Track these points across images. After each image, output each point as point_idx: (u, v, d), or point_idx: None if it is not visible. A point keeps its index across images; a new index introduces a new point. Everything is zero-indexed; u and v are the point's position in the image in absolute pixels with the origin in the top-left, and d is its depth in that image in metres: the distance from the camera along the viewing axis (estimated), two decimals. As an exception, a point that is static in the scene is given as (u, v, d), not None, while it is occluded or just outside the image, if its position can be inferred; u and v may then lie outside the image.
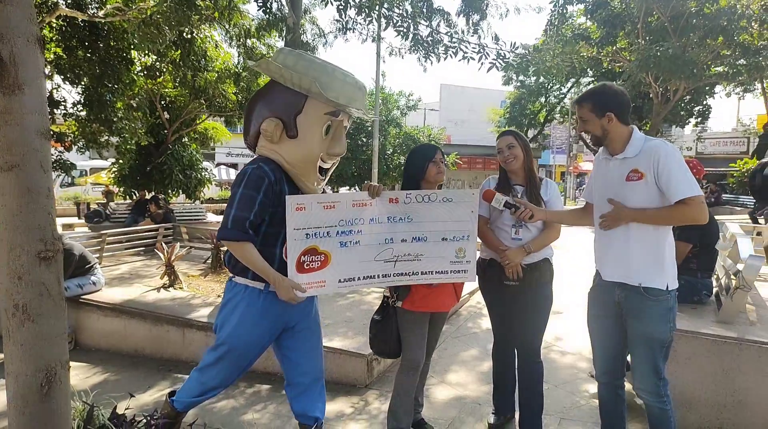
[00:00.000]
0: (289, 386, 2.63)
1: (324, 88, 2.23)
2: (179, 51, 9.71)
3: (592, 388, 3.76)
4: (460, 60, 5.19)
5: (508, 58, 5.24)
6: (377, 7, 4.78)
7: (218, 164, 25.62)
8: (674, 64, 14.21)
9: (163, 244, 6.30)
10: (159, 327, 4.69)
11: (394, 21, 5.07)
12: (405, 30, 5.17)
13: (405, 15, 5.21)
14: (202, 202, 15.36)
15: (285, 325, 2.52)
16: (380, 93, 18.00)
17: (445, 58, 5.26)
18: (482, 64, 5.25)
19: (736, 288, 3.23)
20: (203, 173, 13.66)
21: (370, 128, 17.21)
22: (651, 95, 17.98)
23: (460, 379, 4.08)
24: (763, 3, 14.18)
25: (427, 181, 2.76)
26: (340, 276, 2.46)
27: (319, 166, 2.42)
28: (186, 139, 13.45)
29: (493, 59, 5.24)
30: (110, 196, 15.79)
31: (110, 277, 6.06)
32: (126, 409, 2.56)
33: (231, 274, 2.47)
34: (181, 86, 11.27)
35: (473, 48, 5.26)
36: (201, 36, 10.07)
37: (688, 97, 20.04)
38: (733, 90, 21.05)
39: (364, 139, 19.09)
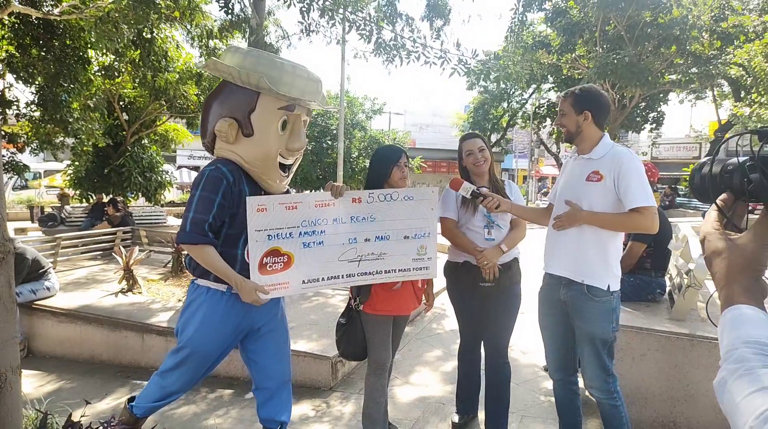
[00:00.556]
0: (257, 390, 2.60)
1: (273, 82, 2.21)
2: (138, 51, 9.49)
3: (551, 385, 3.84)
4: (422, 65, 5.26)
5: (470, 64, 5.32)
6: (340, 10, 4.79)
7: (180, 167, 25.10)
8: (630, 71, 14.69)
9: (122, 247, 6.13)
10: (117, 333, 4.56)
11: (358, 24, 5.09)
12: (368, 34, 5.20)
13: (368, 19, 5.23)
14: (162, 206, 15.02)
15: (249, 328, 2.49)
16: (345, 96, 18.01)
17: (408, 62, 5.31)
18: (444, 69, 5.32)
19: (688, 286, 3.35)
20: (164, 176, 13.37)
21: (335, 131, 17.20)
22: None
23: (423, 379, 4.11)
24: (713, 14, 14.81)
25: (390, 184, 2.76)
26: (304, 277, 2.45)
27: (282, 163, 2.41)
28: (146, 141, 13.15)
29: (455, 65, 5.32)
30: (65, 200, 15.27)
31: (65, 283, 5.86)
32: (81, 416, 2.48)
33: (193, 277, 2.43)
34: (140, 87, 11.01)
35: (435, 53, 5.33)
36: (161, 36, 9.88)
37: (643, 103, 20.73)
38: (686, 97, 21.88)
39: (329, 142, 19.05)
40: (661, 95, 20.37)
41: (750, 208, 0.89)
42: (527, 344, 4.77)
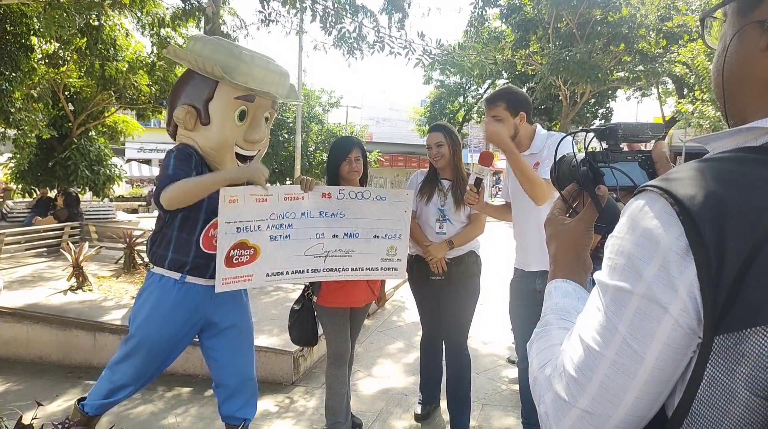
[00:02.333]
0: (218, 388, 2.53)
1: (229, 71, 2.18)
2: (85, 38, 9.09)
3: (512, 373, 3.93)
4: (387, 55, 5.24)
5: (434, 55, 5.34)
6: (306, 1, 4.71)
7: (129, 160, 24.25)
8: (581, 68, 15.09)
9: (70, 243, 5.88)
10: (67, 332, 4.38)
11: (320, 14, 5.03)
12: (331, 24, 5.14)
13: (330, 9, 5.17)
14: (111, 200, 14.50)
15: (204, 322, 2.42)
16: (302, 89, 17.80)
17: (371, 54, 5.29)
18: (409, 59, 5.33)
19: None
20: (112, 169, 12.88)
21: (291, 124, 17.00)
22: (560, 97, 18.99)
23: (386, 371, 4.13)
24: (659, 13, 15.38)
25: (342, 177, 2.76)
26: (268, 270, 2.42)
27: (242, 154, 2.36)
28: (93, 133, 12.63)
29: (420, 55, 5.33)
30: (7, 194, 14.53)
31: (9, 281, 5.58)
32: (33, 419, 2.37)
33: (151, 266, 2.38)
34: (87, 76, 10.55)
35: (400, 44, 5.32)
36: (110, 23, 9.50)
37: (593, 100, 21.37)
38: (633, 94, 22.69)
39: (286, 136, 18.80)
40: (610, 92, 21.07)
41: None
42: (488, 335, 4.86)
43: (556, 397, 0.65)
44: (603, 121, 23.47)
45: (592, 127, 0.94)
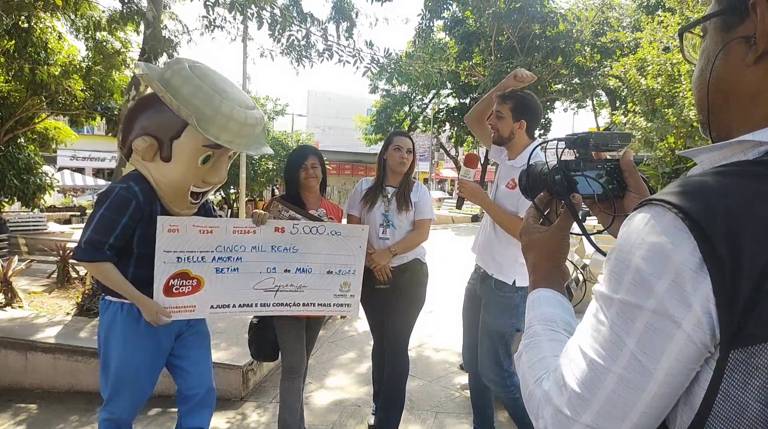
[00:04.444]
0: (184, 399, 2.42)
1: (204, 121, 2.03)
2: (13, 41, 8.60)
3: (464, 380, 3.97)
4: (336, 63, 5.22)
5: (382, 63, 5.37)
6: (252, 6, 4.61)
7: (61, 168, 23.02)
8: (522, 80, 15.60)
9: (-3, 257, 5.51)
10: (-6, 352, 4.08)
11: (268, 21, 4.95)
12: (280, 32, 5.07)
13: (277, 17, 5.10)
14: (42, 211, 13.72)
15: (177, 332, 2.36)
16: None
17: (320, 62, 5.27)
18: (357, 68, 5.33)
19: (585, 281, 3.61)
20: (43, 178, 12.20)
21: (235, 132, 16.61)
22: (503, 108, 19.55)
23: (338, 382, 4.07)
24: (593, 29, 16.13)
25: (300, 185, 2.77)
26: (213, 302, 2.36)
27: (195, 192, 2.26)
28: (22, 140, 11.93)
29: (368, 63, 5.35)
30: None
31: (-73, 299, 5.15)
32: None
33: (102, 293, 2.25)
34: (15, 80, 9.97)
35: (348, 52, 5.32)
36: (40, 26, 9.02)
37: (533, 110, 22.08)
38: (570, 106, 23.64)
39: (230, 144, 18.36)
40: (549, 103, 21.84)
41: None
42: (439, 342, 4.89)
43: (556, 411, 0.65)
44: (542, 131, 24.30)
45: (564, 137, 0.95)
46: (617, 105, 18.79)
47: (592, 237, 0.90)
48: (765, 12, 0.63)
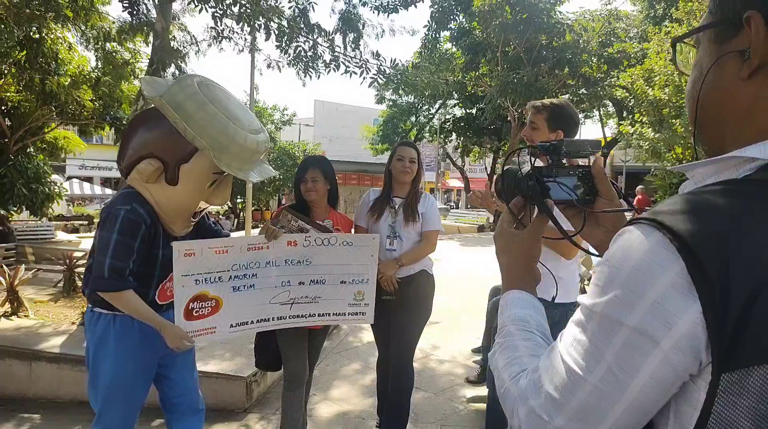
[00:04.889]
0: (172, 409, 2.40)
1: (219, 150, 1.98)
2: (25, 51, 8.70)
3: (470, 393, 3.92)
4: (342, 74, 5.25)
5: (389, 74, 5.39)
6: (260, 17, 4.64)
7: (70, 177, 23.20)
8: (528, 90, 15.63)
9: (4, 266, 5.52)
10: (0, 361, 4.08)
11: (275, 33, 4.98)
12: (287, 43, 5.10)
13: (284, 28, 5.13)
14: (50, 220, 13.80)
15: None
16: (255, 107, 17.61)
17: (327, 73, 5.29)
18: (364, 78, 5.34)
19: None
20: (52, 187, 12.28)
21: (243, 142, 16.72)
22: (509, 118, 19.56)
23: (343, 394, 4.04)
24: (600, 40, 16.15)
25: (305, 197, 2.78)
26: (232, 321, 2.37)
27: (195, 210, 2.26)
28: (32, 149, 12.04)
29: (374, 74, 5.36)
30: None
31: (-66, 307, 5.18)
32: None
33: (89, 305, 2.22)
34: (26, 90, 10.08)
35: (355, 63, 5.34)
36: (51, 36, 9.13)
37: (540, 121, 22.07)
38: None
39: (237, 154, 18.50)
40: (556, 114, 21.82)
41: None
42: (445, 354, 4.85)
43: (530, 412, 0.67)
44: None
45: (537, 143, 0.98)
46: (624, 115, 18.76)
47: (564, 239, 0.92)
48: (759, 26, 0.62)
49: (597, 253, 0.91)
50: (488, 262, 10.34)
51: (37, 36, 8.75)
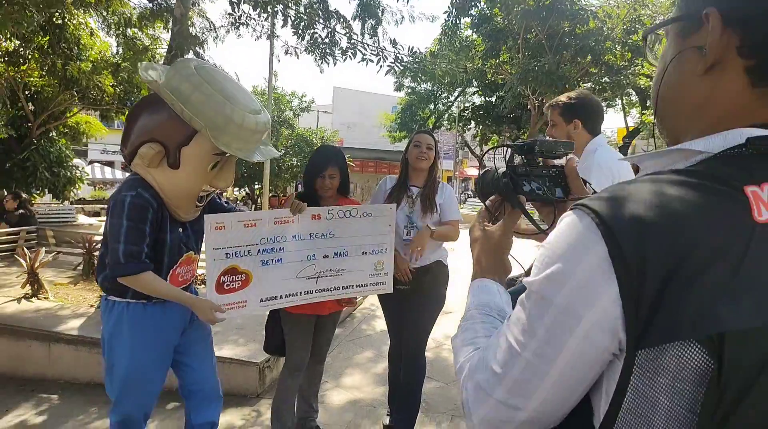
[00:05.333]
0: (191, 396, 2.43)
1: (216, 130, 1.99)
2: (47, 37, 8.80)
3: (481, 384, 3.90)
4: (359, 62, 5.19)
5: (406, 62, 5.32)
6: (278, 5, 4.61)
7: (91, 162, 23.52)
8: (549, 78, 15.36)
9: (25, 249, 5.63)
10: (19, 342, 4.17)
11: (292, 19, 4.94)
12: (303, 29, 5.06)
13: (301, 15, 5.09)
14: (72, 203, 14.04)
15: (183, 327, 2.35)
16: (273, 93, 17.62)
17: (344, 60, 5.24)
18: (381, 66, 5.28)
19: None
20: (73, 171, 12.47)
21: (261, 129, 16.77)
22: (529, 107, 19.30)
23: (355, 382, 4.06)
24: (625, 27, 15.78)
25: (316, 191, 2.74)
26: (262, 295, 2.39)
27: (201, 194, 2.25)
28: (54, 134, 12.23)
29: (391, 62, 5.30)
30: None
31: (-41, 288, 5.31)
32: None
33: (103, 294, 2.24)
34: (49, 75, 10.21)
35: (372, 50, 5.28)
36: (74, 22, 9.22)
37: (560, 109, 21.73)
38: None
39: (255, 140, 18.55)
40: (577, 102, 21.47)
41: None
42: (456, 344, 4.83)
43: (476, 386, 0.71)
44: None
45: (511, 143, 1.03)
46: (647, 104, 18.40)
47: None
48: (716, 24, 0.64)
49: None
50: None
51: (59, 21, 8.83)
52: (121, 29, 8.65)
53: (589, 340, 0.60)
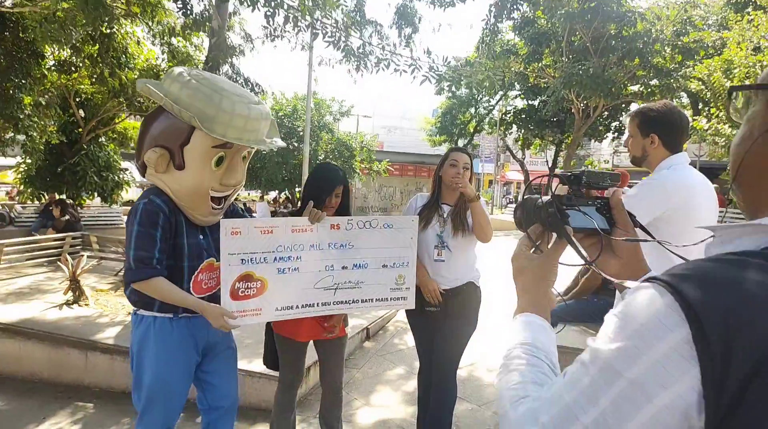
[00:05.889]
0: (210, 411, 2.45)
1: (207, 121, 2.04)
2: (97, 46, 9.11)
3: (515, 408, 3.77)
4: (392, 73, 5.13)
5: (441, 71, 5.23)
6: (307, 17, 4.60)
7: (140, 165, 24.32)
8: (594, 82, 14.94)
9: (68, 256, 5.80)
10: (59, 349, 4.29)
11: (324, 32, 4.92)
12: (336, 41, 5.04)
13: (336, 26, 5.08)
14: (120, 206, 14.52)
15: (205, 346, 2.37)
16: (313, 98, 17.79)
17: (377, 71, 5.18)
18: (414, 77, 5.21)
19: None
20: (121, 176, 12.90)
21: (302, 133, 16.97)
22: (573, 111, 18.81)
23: (384, 400, 3.98)
24: (675, 29, 15.19)
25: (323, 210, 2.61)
26: (278, 304, 2.35)
27: (216, 196, 2.26)
28: (103, 139, 12.71)
29: (426, 72, 5.22)
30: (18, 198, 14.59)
31: (6, 293, 5.52)
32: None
33: (134, 308, 2.27)
34: (98, 83, 10.59)
35: (405, 61, 5.21)
36: (122, 32, 9.52)
37: (606, 113, 21.13)
38: (648, 107, 22.40)
39: (296, 144, 18.80)
40: (624, 106, 20.84)
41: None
42: (493, 362, 4.69)
43: None
44: (616, 134, 23.24)
45: (558, 173, 1.02)
46: (700, 107, 17.64)
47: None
48: None
49: (617, 280, 0.92)
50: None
51: (108, 31, 9.13)
52: (165, 38, 8.88)
53: (656, 420, 0.58)
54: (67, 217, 9.01)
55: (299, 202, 2.79)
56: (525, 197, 1.07)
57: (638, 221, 0.98)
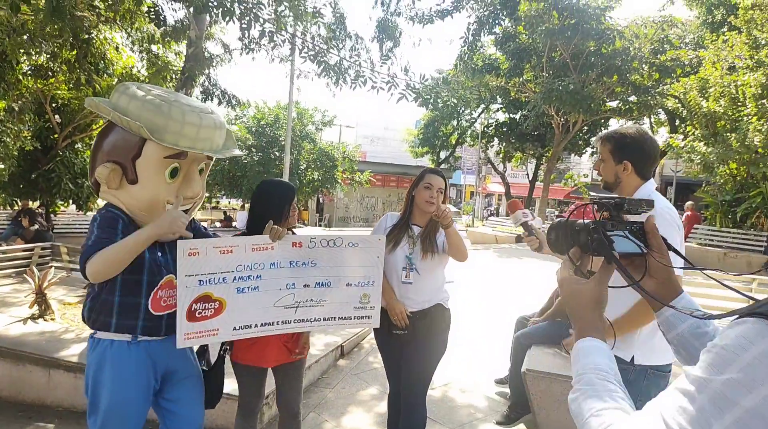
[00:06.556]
0: None
1: (157, 131, 2.00)
2: (74, 51, 8.96)
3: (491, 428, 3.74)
4: (369, 90, 5.12)
5: (418, 89, 5.22)
6: (283, 32, 4.57)
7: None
8: (574, 98, 15.17)
9: (35, 268, 5.64)
10: (20, 367, 4.13)
11: (300, 47, 4.90)
12: (314, 55, 5.02)
13: (313, 41, 5.05)
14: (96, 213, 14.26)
15: (165, 372, 2.28)
16: (295, 108, 17.74)
17: (354, 87, 5.17)
18: (392, 94, 5.20)
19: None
20: (97, 183, 12.67)
21: (283, 142, 16.91)
22: (553, 125, 19.04)
23: (356, 422, 3.91)
24: (652, 47, 15.49)
25: (287, 223, 2.61)
26: (236, 323, 2.30)
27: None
28: (79, 146, 12.45)
29: (403, 90, 5.21)
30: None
31: (-31, 305, 5.34)
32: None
33: (92, 330, 2.18)
34: (75, 89, 10.41)
35: (383, 78, 5.20)
36: (100, 37, 9.39)
37: (585, 128, 21.43)
38: (625, 123, 22.80)
39: (278, 153, 18.72)
40: (603, 121, 21.16)
41: None
42: (467, 383, 4.65)
43: None
44: (595, 148, 23.57)
45: (601, 200, 1.09)
46: (677, 124, 17.96)
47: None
48: None
49: (666, 301, 1.00)
50: (525, 276, 10.02)
51: (86, 37, 8.99)
52: (144, 45, 8.78)
53: None
54: (36, 226, 8.79)
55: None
56: (556, 221, 1.14)
57: (671, 244, 1.06)
